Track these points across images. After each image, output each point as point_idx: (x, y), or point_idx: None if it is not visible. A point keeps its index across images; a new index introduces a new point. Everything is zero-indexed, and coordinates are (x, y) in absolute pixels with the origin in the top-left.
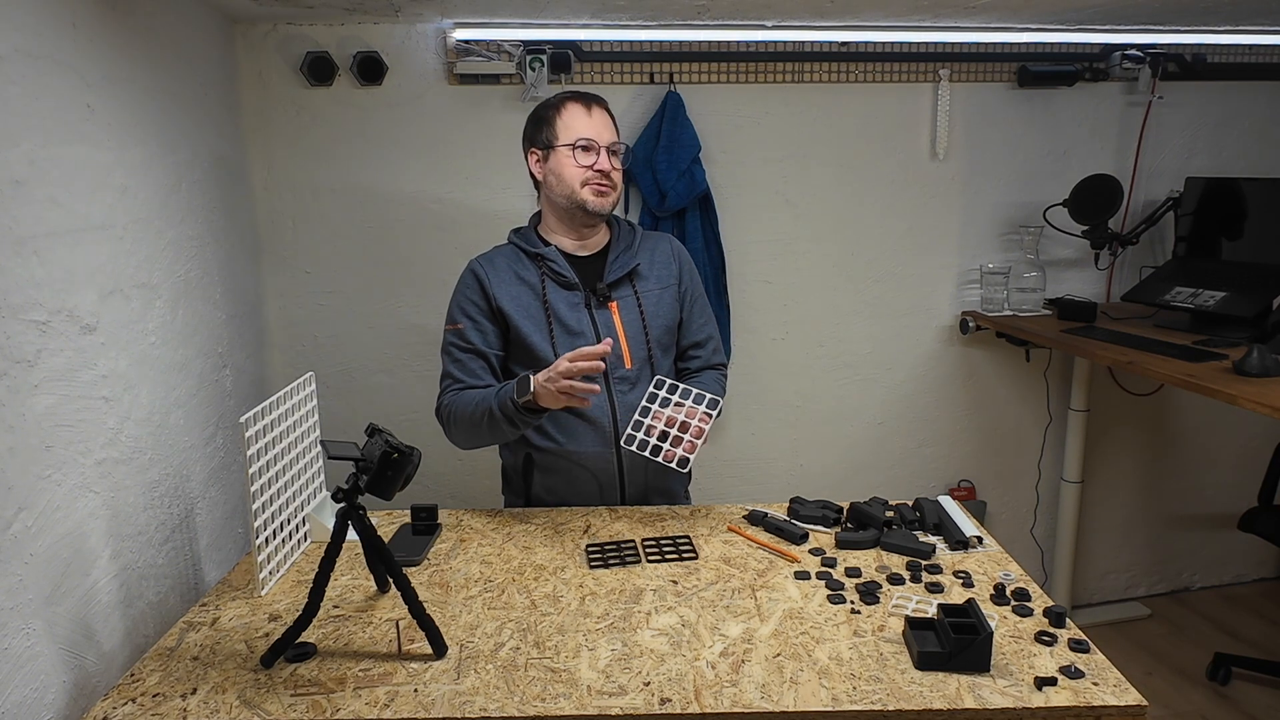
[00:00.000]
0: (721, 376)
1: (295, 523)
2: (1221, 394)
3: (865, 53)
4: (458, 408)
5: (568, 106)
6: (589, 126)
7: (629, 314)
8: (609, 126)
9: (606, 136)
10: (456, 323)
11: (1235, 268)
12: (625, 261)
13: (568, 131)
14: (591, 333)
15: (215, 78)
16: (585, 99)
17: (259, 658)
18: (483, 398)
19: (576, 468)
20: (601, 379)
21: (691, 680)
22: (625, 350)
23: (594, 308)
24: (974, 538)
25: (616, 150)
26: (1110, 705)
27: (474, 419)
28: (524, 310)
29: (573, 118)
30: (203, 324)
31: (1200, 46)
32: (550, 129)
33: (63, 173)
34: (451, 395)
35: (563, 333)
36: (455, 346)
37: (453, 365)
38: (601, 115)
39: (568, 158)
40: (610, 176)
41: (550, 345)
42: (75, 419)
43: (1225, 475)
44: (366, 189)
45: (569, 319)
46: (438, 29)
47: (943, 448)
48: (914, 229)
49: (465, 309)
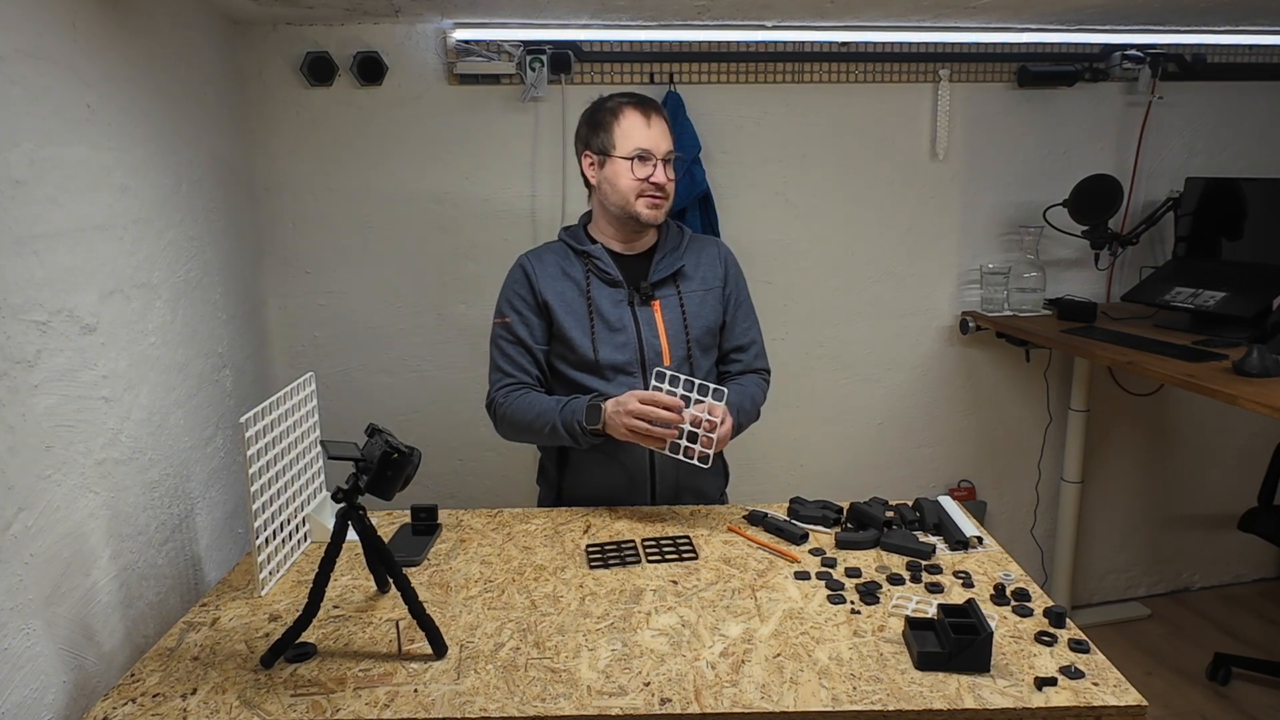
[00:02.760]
0: (763, 381)
1: (295, 523)
2: (1221, 394)
3: (865, 53)
4: (515, 410)
5: (626, 114)
6: (647, 137)
7: (671, 313)
8: (666, 135)
9: (664, 147)
10: (504, 316)
11: (1235, 268)
12: (671, 262)
13: (625, 141)
14: (633, 329)
15: (215, 78)
16: (644, 106)
17: (259, 658)
18: (545, 409)
19: (610, 461)
20: (638, 375)
21: (691, 680)
22: (665, 347)
23: (636, 305)
24: (974, 538)
25: (671, 160)
26: (1110, 705)
27: (533, 426)
28: (567, 305)
29: (631, 126)
30: (203, 324)
31: (1200, 46)
32: (607, 135)
33: (63, 173)
34: (507, 394)
35: (603, 328)
36: (503, 339)
37: (501, 359)
38: (659, 124)
39: (624, 168)
40: (665, 188)
41: (590, 340)
42: (75, 419)
43: (1225, 475)
44: (366, 189)
45: (610, 315)
46: (438, 29)
47: (943, 448)
48: (914, 229)
49: (513, 302)
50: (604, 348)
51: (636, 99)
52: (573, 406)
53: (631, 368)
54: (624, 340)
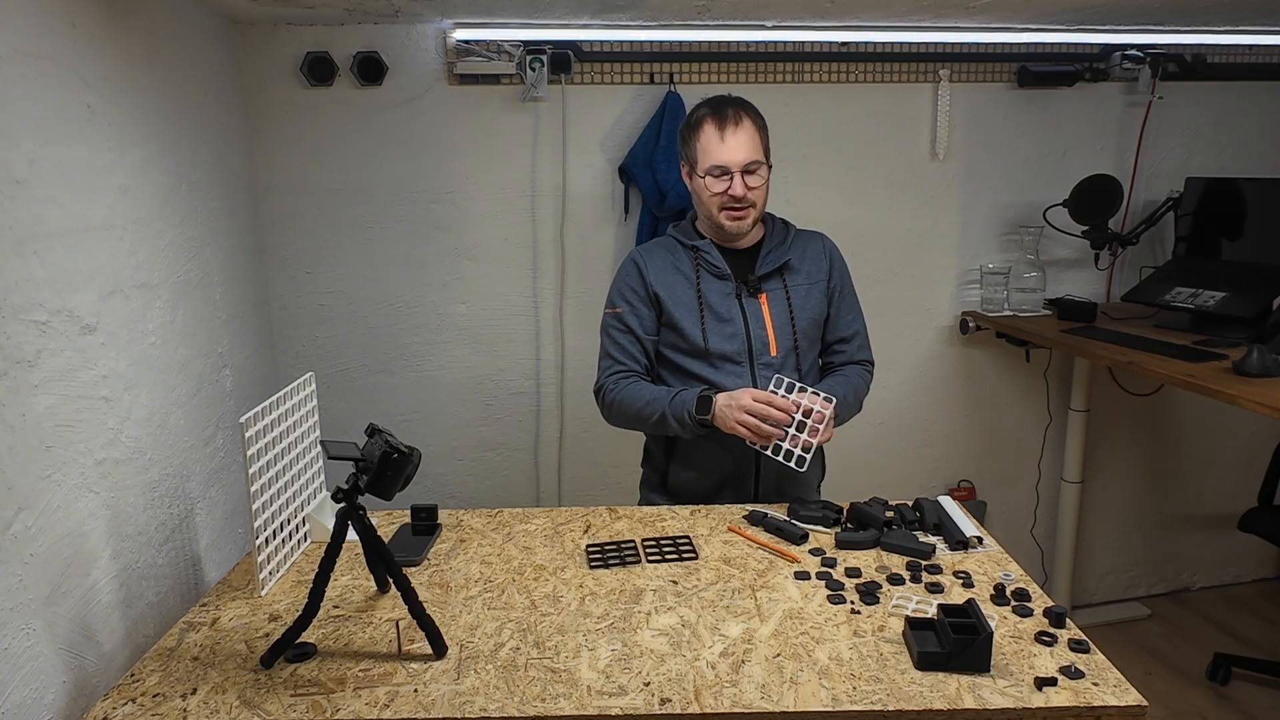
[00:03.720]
0: (865, 372)
1: (295, 523)
2: (1221, 394)
3: (865, 53)
4: (624, 398)
5: (704, 129)
6: (722, 151)
7: (777, 305)
8: (745, 144)
9: (742, 157)
10: (615, 306)
11: (1235, 268)
12: (777, 257)
13: (704, 157)
14: (740, 321)
15: (216, 78)
16: (721, 117)
17: (259, 658)
18: (654, 397)
19: (718, 449)
20: (745, 364)
21: (691, 680)
22: (771, 339)
23: (744, 298)
24: (974, 538)
25: (754, 169)
26: (1110, 705)
27: (642, 414)
28: (677, 296)
29: (708, 141)
30: (203, 324)
31: (1200, 46)
32: (690, 149)
33: (63, 173)
34: (617, 380)
35: (713, 319)
36: (614, 328)
37: (612, 347)
38: (736, 135)
39: (704, 184)
40: (746, 198)
41: (700, 330)
42: (75, 419)
43: (1225, 475)
44: (367, 189)
45: (719, 306)
46: (438, 29)
47: (943, 448)
48: (914, 229)
49: (624, 294)
50: (713, 337)
51: (715, 108)
52: (683, 397)
53: (739, 357)
54: (732, 331)
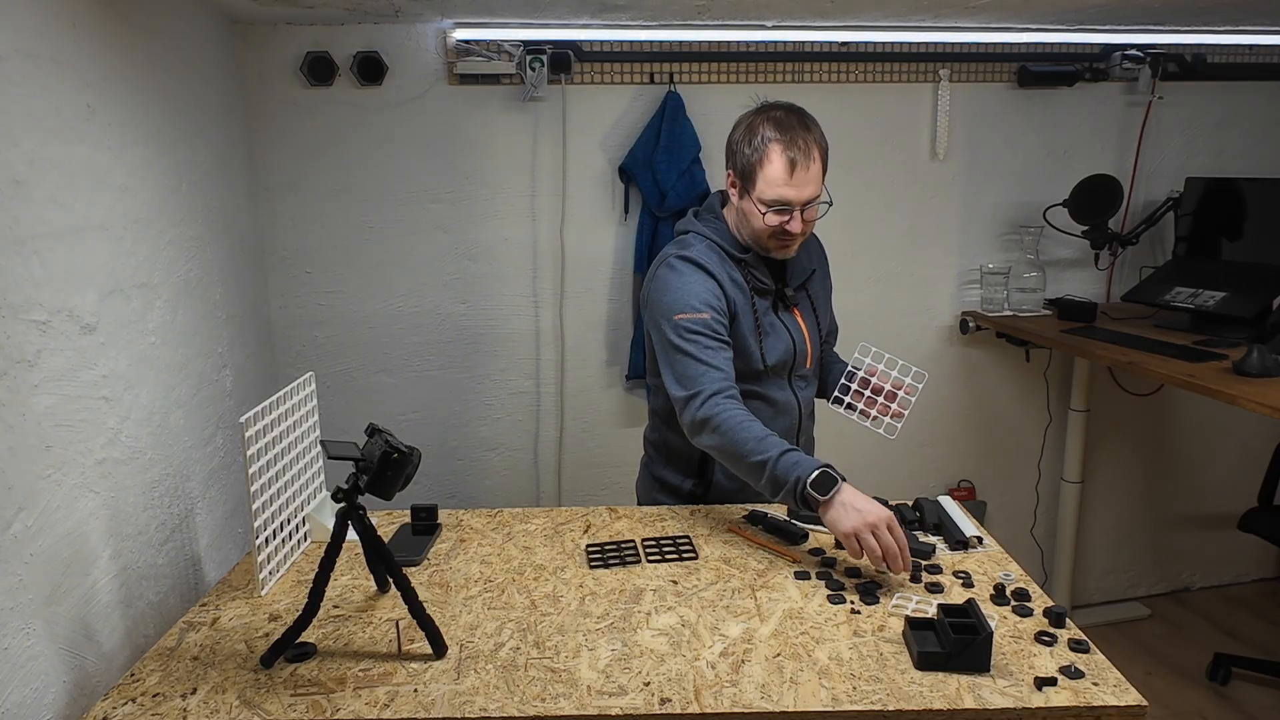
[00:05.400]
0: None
1: (295, 523)
2: (1221, 394)
3: (865, 53)
4: (730, 432)
5: (773, 159)
6: (789, 189)
7: (807, 315)
8: (812, 182)
9: (807, 194)
10: (700, 311)
11: (1235, 268)
12: (803, 266)
13: (767, 187)
14: (785, 335)
15: (216, 78)
16: (792, 152)
17: (259, 658)
18: (762, 446)
19: None
20: (785, 378)
21: (691, 680)
22: (809, 349)
23: (780, 311)
24: (974, 538)
25: (814, 203)
26: (1110, 705)
27: (739, 456)
28: (739, 311)
29: (775, 173)
30: (203, 324)
31: (1200, 46)
32: (750, 170)
33: (63, 173)
34: (728, 400)
35: (768, 335)
36: (704, 335)
37: (708, 353)
38: (805, 174)
39: (759, 211)
40: (798, 234)
41: (759, 347)
42: (75, 419)
43: (1225, 475)
44: (367, 189)
45: (767, 321)
46: (438, 29)
47: (943, 448)
48: (914, 229)
49: (707, 300)
50: (770, 354)
51: (785, 132)
52: (795, 459)
53: (784, 370)
54: (784, 346)
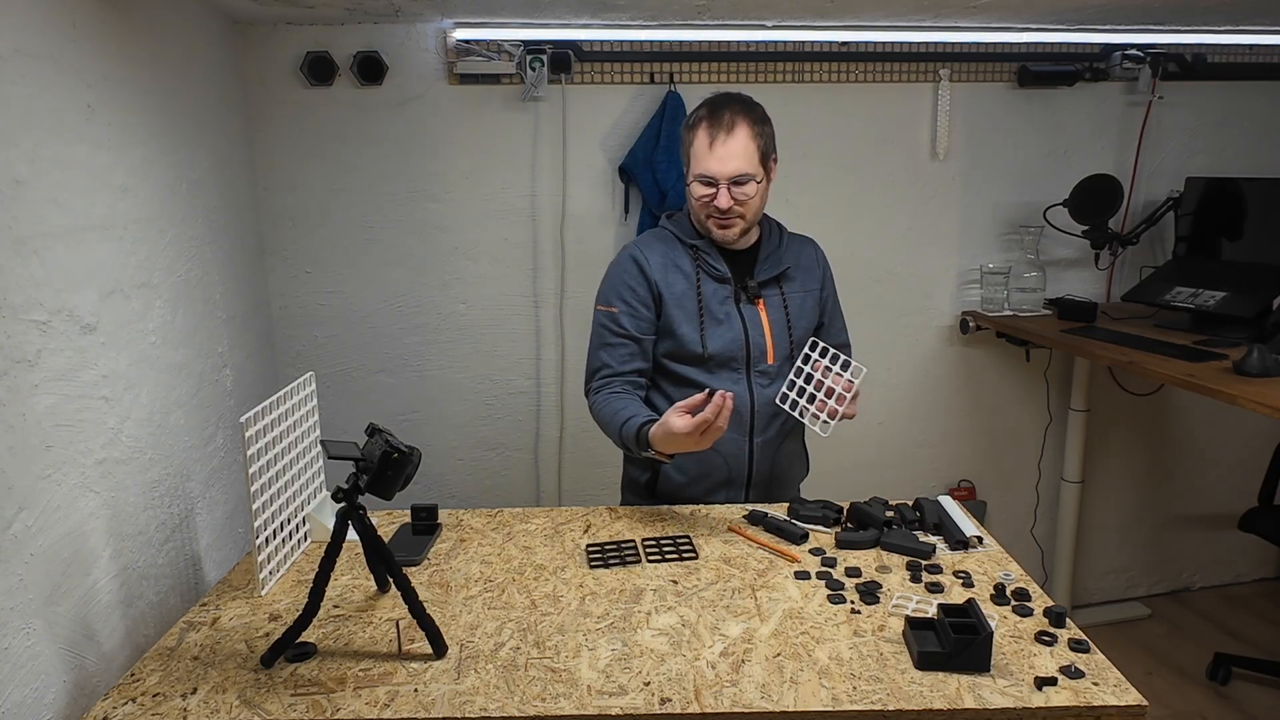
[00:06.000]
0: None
1: (295, 523)
2: (1221, 394)
3: (865, 53)
4: (601, 413)
5: (697, 133)
6: (709, 161)
7: (775, 313)
8: (735, 155)
9: (731, 168)
10: (611, 305)
11: (1235, 268)
12: (775, 262)
13: (695, 162)
14: (739, 326)
15: (216, 78)
16: (714, 124)
17: (259, 658)
18: (613, 417)
19: (711, 452)
20: (743, 371)
21: (691, 680)
22: (769, 346)
23: (741, 303)
24: (974, 538)
25: (743, 181)
26: (1110, 705)
27: (608, 432)
28: (677, 298)
29: (699, 147)
30: (203, 324)
31: (1200, 46)
32: (685, 151)
33: (63, 173)
34: (599, 388)
35: (712, 324)
36: (606, 328)
37: (603, 350)
38: (727, 145)
39: (691, 189)
40: (731, 210)
41: (699, 336)
42: (75, 419)
43: (1225, 475)
44: (367, 189)
45: (718, 311)
46: (438, 29)
47: (943, 448)
48: (914, 229)
49: (621, 293)
50: (712, 341)
51: (712, 110)
52: (629, 429)
53: (737, 363)
54: (732, 336)
